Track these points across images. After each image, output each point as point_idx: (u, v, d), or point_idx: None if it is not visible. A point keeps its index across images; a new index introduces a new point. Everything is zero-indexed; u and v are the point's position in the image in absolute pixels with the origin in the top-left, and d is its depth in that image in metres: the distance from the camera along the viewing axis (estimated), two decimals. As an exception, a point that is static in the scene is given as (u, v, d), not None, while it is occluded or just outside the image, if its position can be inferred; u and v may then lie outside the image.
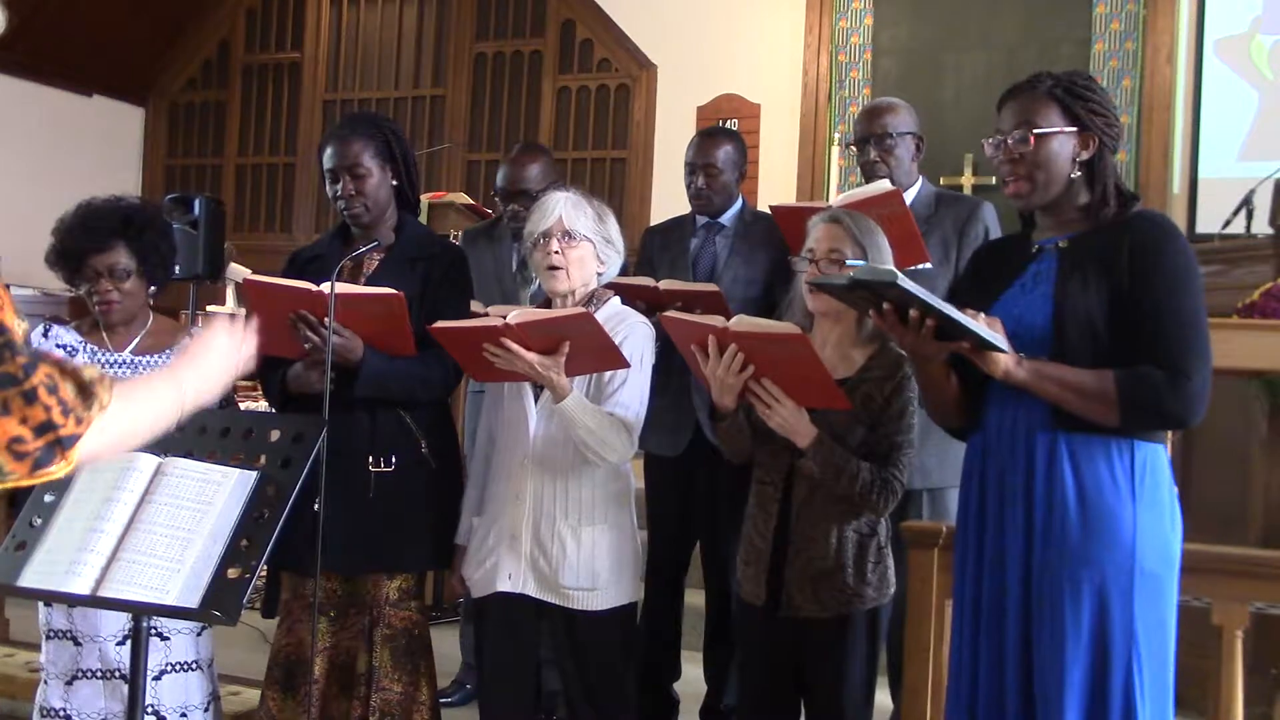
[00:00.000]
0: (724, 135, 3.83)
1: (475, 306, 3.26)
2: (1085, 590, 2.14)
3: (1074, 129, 2.22)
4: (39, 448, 1.36)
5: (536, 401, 2.79)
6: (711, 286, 3.40)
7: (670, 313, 2.71)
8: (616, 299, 2.91)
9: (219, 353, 1.75)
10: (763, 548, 2.69)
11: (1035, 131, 2.22)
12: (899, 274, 2.06)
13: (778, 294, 3.55)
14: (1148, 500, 2.16)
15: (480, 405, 3.78)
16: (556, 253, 2.77)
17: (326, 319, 2.73)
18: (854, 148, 3.66)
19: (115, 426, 1.46)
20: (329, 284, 2.73)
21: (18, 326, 1.35)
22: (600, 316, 2.77)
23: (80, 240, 2.86)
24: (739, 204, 3.75)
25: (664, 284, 3.31)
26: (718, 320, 2.55)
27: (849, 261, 2.56)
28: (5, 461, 1.35)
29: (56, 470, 1.39)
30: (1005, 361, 2.14)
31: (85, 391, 1.41)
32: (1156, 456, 2.20)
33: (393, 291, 2.77)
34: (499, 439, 2.89)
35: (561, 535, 2.75)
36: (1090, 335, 2.15)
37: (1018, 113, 2.26)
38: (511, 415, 2.85)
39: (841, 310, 2.66)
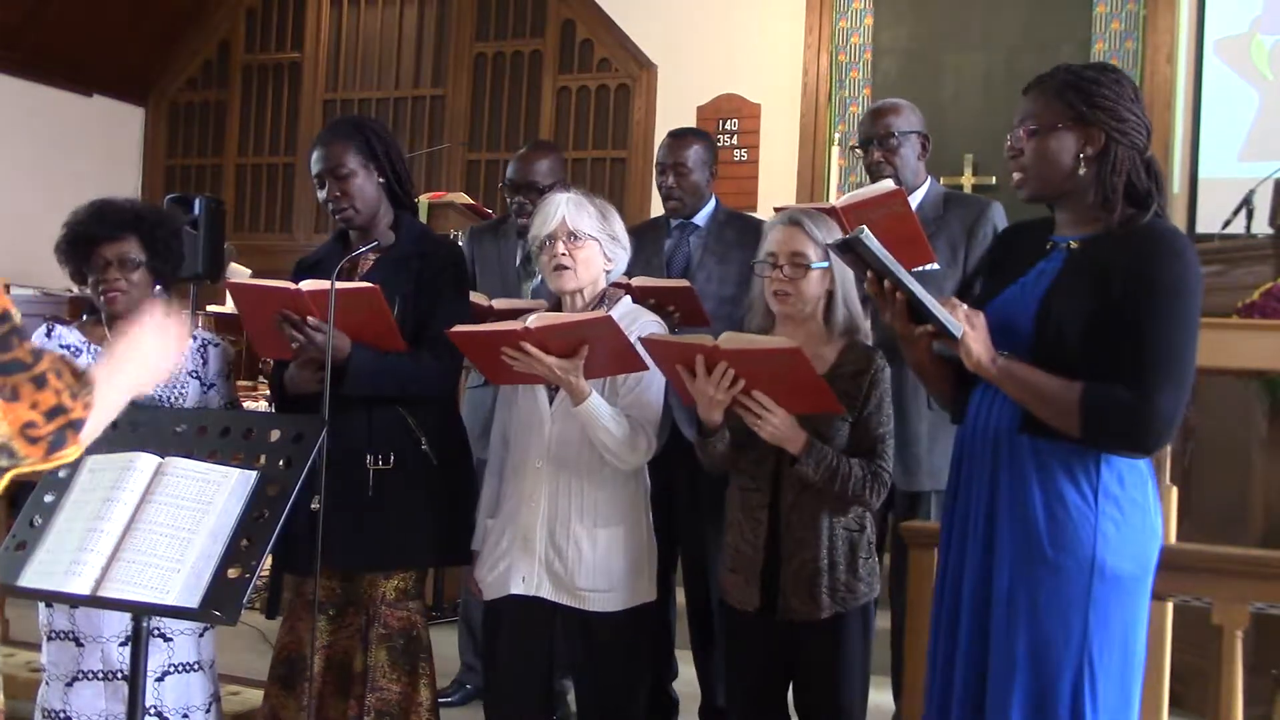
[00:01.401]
0: (693, 135, 3.84)
1: (477, 298, 3.27)
2: (1041, 594, 2.12)
3: (1075, 124, 2.17)
4: (51, 431, 1.38)
5: (551, 403, 2.79)
6: (683, 282, 3.39)
7: (650, 336, 2.70)
8: (628, 298, 2.89)
9: (153, 344, 1.73)
10: (753, 555, 2.67)
11: (1030, 127, 2.20)
12: (865, 229, 2.10)
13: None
14: (1114, 511, 2.12)
15: (476, 403, 3.81)
16: (563, 254, 2.76)
17: (314, 319, 2.72)
18: (859, 150, 3.67)
19: (96, 416, 1.47)
20: (305, 282, 2.73)
21: (16, 314, 1.35)
22: (613, 315, 2.77)
23: (92, 228, 2.87)
24: (713, 204, 3.76)
25: (636, 280, 3.30)
26: (706, 339, 2.54)
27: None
28: (20, 446, 1.36)
29: (69, 454, 1.41)
30: (978, 353, 2.12)
31: (81, 379, 1.42)
32: (1130, 468, 2.15)
33: (367, 285, 2.76)
34: (512, 441, 2.88)
35: (576, 537, 2.74)
36: (1064, 344, 2.12)
37: (1024, 107, 2.24)
38: (526, 417, 2.83)
39: (809, 306, 2.66)
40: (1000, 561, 2.17)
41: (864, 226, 2.12)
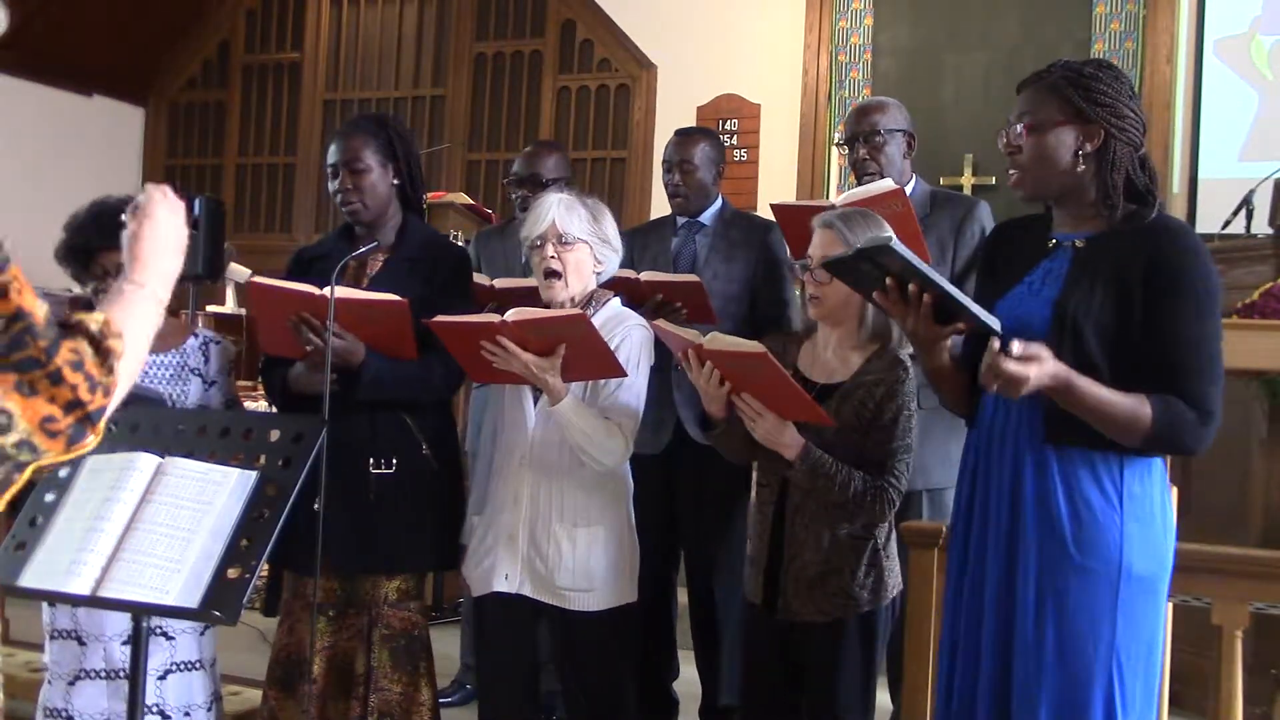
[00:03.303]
0: (700, 134, 3.86)
1: (479, 279, 3.28)
2: (1070, 599, 2.12)
3: (1074, 121, 2.16)
4: (70, 424, 1.39)
5: (535, 404, 2.79)
6: (692, 277, 3.42)
7: (659, 323, 2.72)
8: (616, 300, 2.90)
9: (165, 232, 1.71)
10: (759, 550, 2.70)
11: (1030, 123, 2.18)
12: (893, 237, 2.07)
13: (758, 291, 3.58)
14: (1136, 512, 2.13)
15: (484, 401, 3.81)
16: (553, 257, 2.77)
17: (325, 323, 2.72)
18: (843, 147, 3.67)
19: (128, 366, 1.48)
20: (330, 288, 2.73)
21: (38, 308, 1.36)
22: (600, 318, 2.77)
23: (91, 237, 2.87)
24: (719, 203, 3.77)
25: (645, 275, 3.31)
26: (694, 334, 2.57)
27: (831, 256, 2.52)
28: (40, 441, 1.37)
29: (89, 444, 1.42)
30: (1037, 379, 2.01)
31: (102, 351, 1.43)
32: (1149, 468, 2.16)
33: (397, 299, 2.77)
34: (498, 440, 2.89)
35: (557, 537, 2.75)
36: (1083, 344, 2.11)
37: (1022, 103, 2.22)
38: (511, 417, 2.85)
39: (842, 310, 2.65)
40: (1025, 567, 2.16)
41: (891, 234, 2.09)
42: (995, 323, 2.10)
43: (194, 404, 2.97)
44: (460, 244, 4.14)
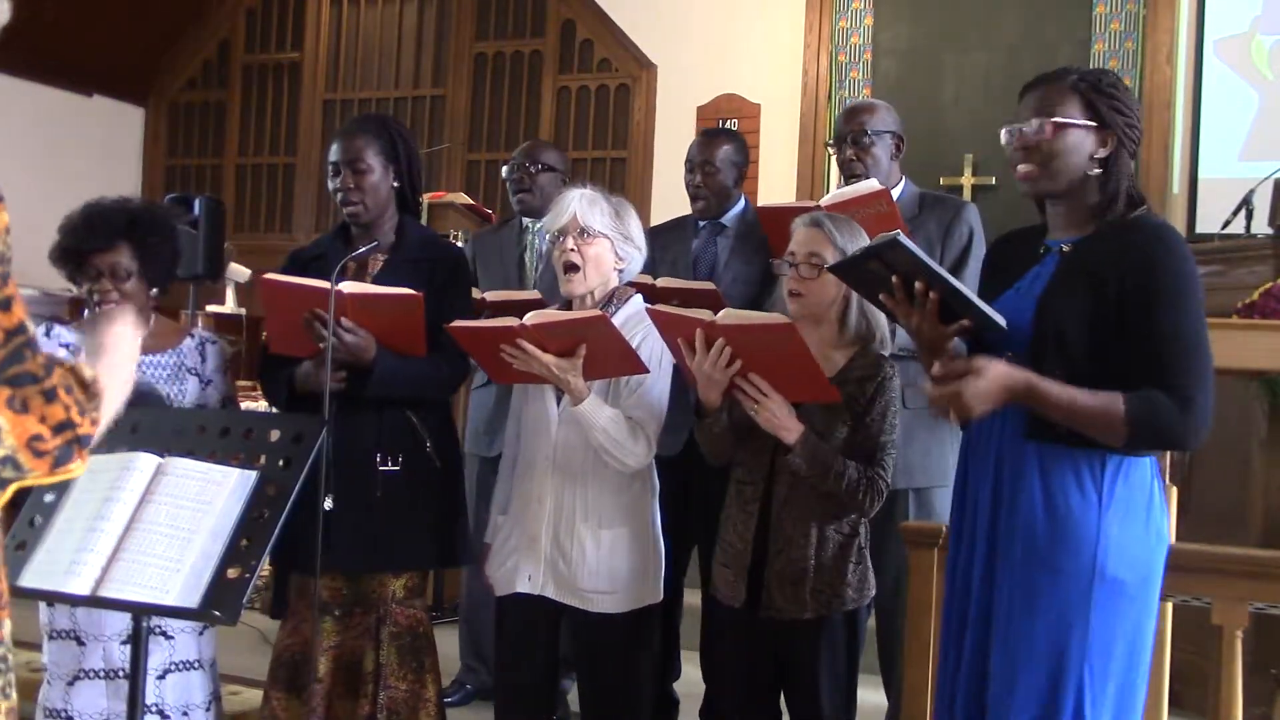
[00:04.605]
0: (725, 136, 3.87)
1: (476, 294, 3.29)
2: (1041, 598, 2.12)
3: (1094, 125, 2.19)
4: (58, 446, 1.37)
5: (559, 405, 2.79)
6: (709, 285, 3.41)
7: (657, 306, 2.70)
8: (638, 297, 2.89)
9: (127, 340, 1.68)
10: (741, 549, 2.67)
11: (1054, 120, 2.19)
12: (899, 233, 2.10)
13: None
14: (1118, 511, 2.12)
15: (479, 403, 3.82)
16: (573, 249, 2.76)
17: (339, 319, 2.73)
18: (831, 148, 3.68)
19: (106, 415, 1.47)
20: (345, 284, 2.74)
21: (31, 325, 1.35)
22: (621, 316, 2.76)
23: (84, 238, 2.87)
24: (741, 205, 3.77)
25: (661, 281, 3.31)
26: (705, 314, 2.53)
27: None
28: (26, 459, 1.35)
29: (75, 469, 1.40)
30: (997, 394, 2.09)
31: (89, 391, 1.42)
32: (1134, 467, 2.15)
33: (412, 292, 2.77)
34: (522, 441, 2.89)
35: (581, 538, 2.74)
36: (1064, 345, 2.12)
37: (1038, 101, 2.23)
38: (534, 418, 2.84)
39: (822, 312, 2.65)
40: (1003, 566, 2.17)
41: (898, 231, 2.13)
42: (1000, 319, 2.14)
43: (191, 403, 2.97)
44: (459, 244, 4.18)
